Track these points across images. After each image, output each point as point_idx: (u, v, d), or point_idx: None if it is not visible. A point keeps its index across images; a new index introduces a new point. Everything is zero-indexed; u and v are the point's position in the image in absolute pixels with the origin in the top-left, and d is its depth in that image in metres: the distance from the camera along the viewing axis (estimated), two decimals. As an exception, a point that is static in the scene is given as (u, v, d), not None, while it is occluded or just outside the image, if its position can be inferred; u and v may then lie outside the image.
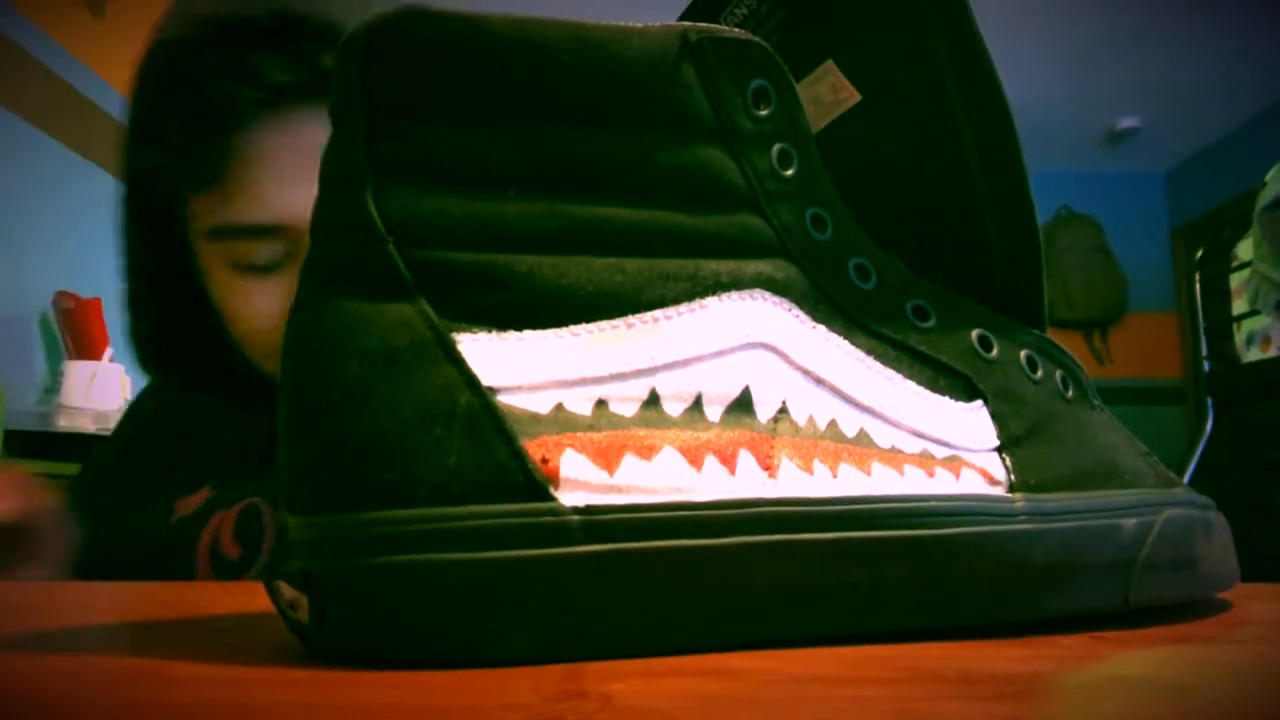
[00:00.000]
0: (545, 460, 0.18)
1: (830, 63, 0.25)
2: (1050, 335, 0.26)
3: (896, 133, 0.25)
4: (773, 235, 0.21)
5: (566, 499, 0.18)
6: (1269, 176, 1.82)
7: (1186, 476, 2.09)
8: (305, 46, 0.45)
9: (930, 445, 0.22)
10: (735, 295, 0.21)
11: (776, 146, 0.21)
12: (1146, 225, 4.20)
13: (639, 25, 0.20)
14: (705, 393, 0.20)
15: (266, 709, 0.14)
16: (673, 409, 0.20)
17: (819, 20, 0.25)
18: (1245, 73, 3.30)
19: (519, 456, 0.18)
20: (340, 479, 0.18)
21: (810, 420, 0.21)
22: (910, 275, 0.24)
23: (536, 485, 0.18)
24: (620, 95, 0.20)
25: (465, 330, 0.19)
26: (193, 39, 0.46)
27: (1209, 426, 2.19)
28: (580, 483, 0.18)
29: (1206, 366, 2.28)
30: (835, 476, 0.20)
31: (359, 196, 0.19)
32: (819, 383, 0.21)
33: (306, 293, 0.20)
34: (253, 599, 0.29)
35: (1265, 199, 1.80)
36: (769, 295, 0.21)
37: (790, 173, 0.22)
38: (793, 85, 0.22)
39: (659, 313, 0.20)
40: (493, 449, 0.18)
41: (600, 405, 0.19)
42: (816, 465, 0.20)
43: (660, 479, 0.19)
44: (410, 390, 0.18)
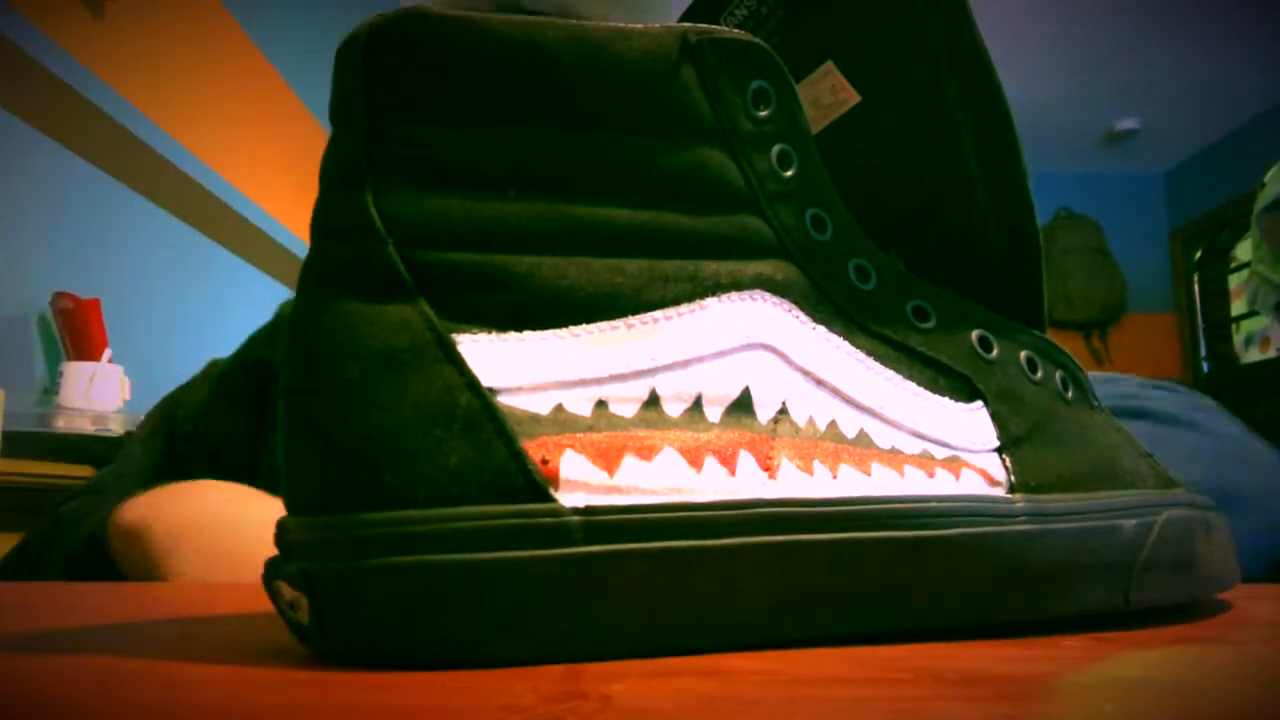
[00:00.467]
0: (545, 461, 0.18)
1: (830, 64, 0.25)
2: (1049, 336, 0.26)
3: (896, 133, 0.25)
4: (772, 236, 0.21)
5: (566, 500, 0.18)
6: (1268, 177, 1.83)
7: (1186, 477, 2.08)
8: None
9: (930, 446, 0.22)
10: (735, 296, 0.21)
11: (776, 147, 0.21)
12: (1146, 226, 4.20)
13: (639, 26, 0.20)
14: (705, 393, 0.20)
15: (266, 710, 0.14)
16: (673, 410, 0.20)
17: (819, 21, 0.25)
18: (1244, 74, 3.31)
19: (519, 457, 0.18)
20: (340, 480, 0.18)
21: (810, 421, 0.21)
22: (910, 276, 0.24)
23: (536, 486, 0.18)
24: (620, 96, 0.20)
25: (465, 331, 0.19)
26: None
27: (1208, 427, 2.19)
28: (580, 483, 0.18)
29: (1205, 367, 2.28)
30: (835, 477, 0.20)
31: (359, 197, 0.19)
32: (819, 383, 0.21)
33: (306, 294, 0.20)
34: (253, 599, 0.29)
35: (1264, 200, 1.80)
36: (769, 296, 0.21)
37: (790, 173, 0.22)
38: (793, 86, 0.22)
39: (659, 313, 0.20)
40: (492, 450, 0.18)
41: (600, 406, 0.19)
42: (816, 466, 0.20)
43: (660, 480, 0.19)
44: (410, 391, 0.18)
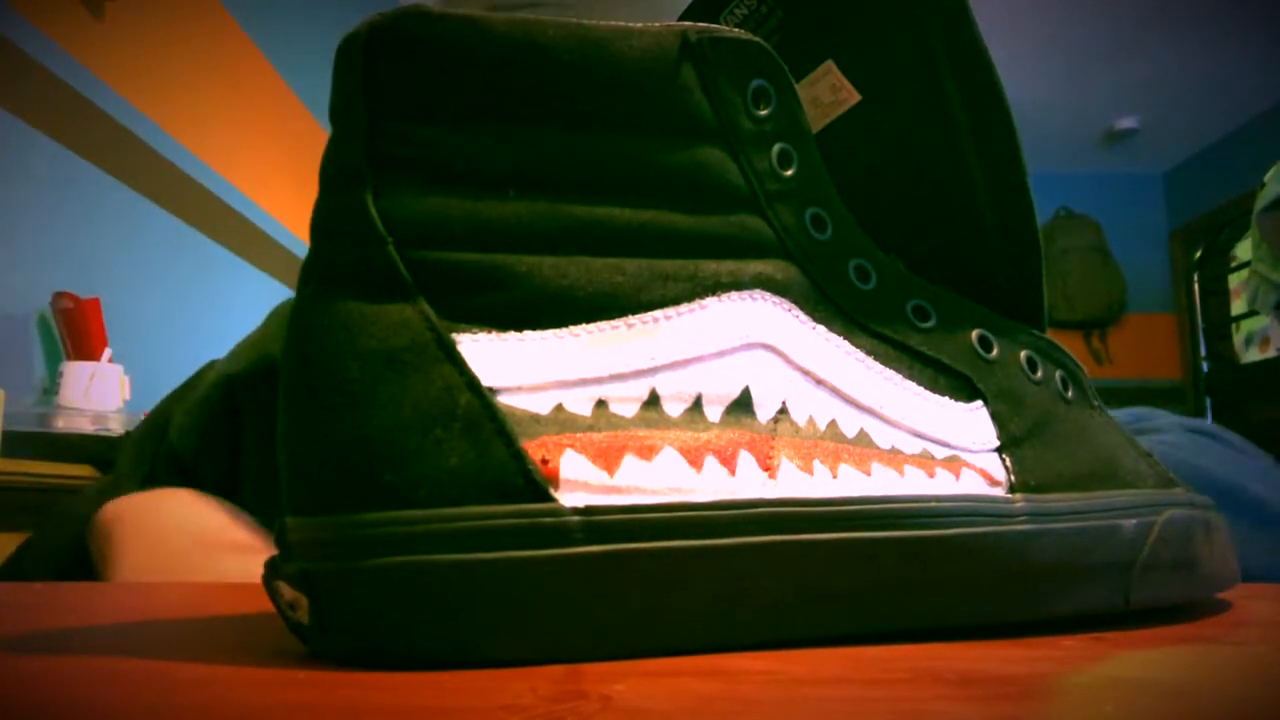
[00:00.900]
0: (545, 461, 0.18)
1: (830, 63, 0.25)
2: (1049, 335, 0.26)
3: (896, 133, 0.25)
4: (772, 235, 0.21)
5: (566, 500, 0.18)
6: (1268, 177, 1.82)
7: (1185, 477, 2.08)
8: None
9: (930, 446, 0.22)
10: (735, 295, 0.21)
11: (776, 146, 0.21)
12: (1145, 226, 4.20)
13: (639, 25, 0.20)
14: (705, 393, 0.20)
15: (266, 710, 0.14)
16: (673, 409, 0.20)
17: (818, 20, 0.25)
18: (1244, 73, 3.31)
19: (519, 457, 0.18)
20: (339, 480, 0.18)
21: (810, 421, 0.21)
22: (910, 275, 0.24)
23: (536, 486, 0.18)
24: (620, 95, 0.20)
25: (465, 331, 0.19)
26: None
27: (1208, 427, 2.19)
28: (580, 483, 0.18)
29: (1205, 367, 2.28)
30: (835, 477, 0.20)
31: (359, 197, 0.19)
32: (819, 383, 0.21)
33: (306, 294, 0.20)
34: (252, 599, 0.29)
35: (1264, 199, 1.80)
36: (769, 295, 0.21)
37: (790, 173, 0.22)
38: (793, 85, 0.22)
39: (659, 313, 0.20)
40: (492, 450, 0.18)
41: (600, 406, 0.19)
42: (816, 466, 0.20)
43: (660, 479, 0.19)
44: (410, 391, 0.18)
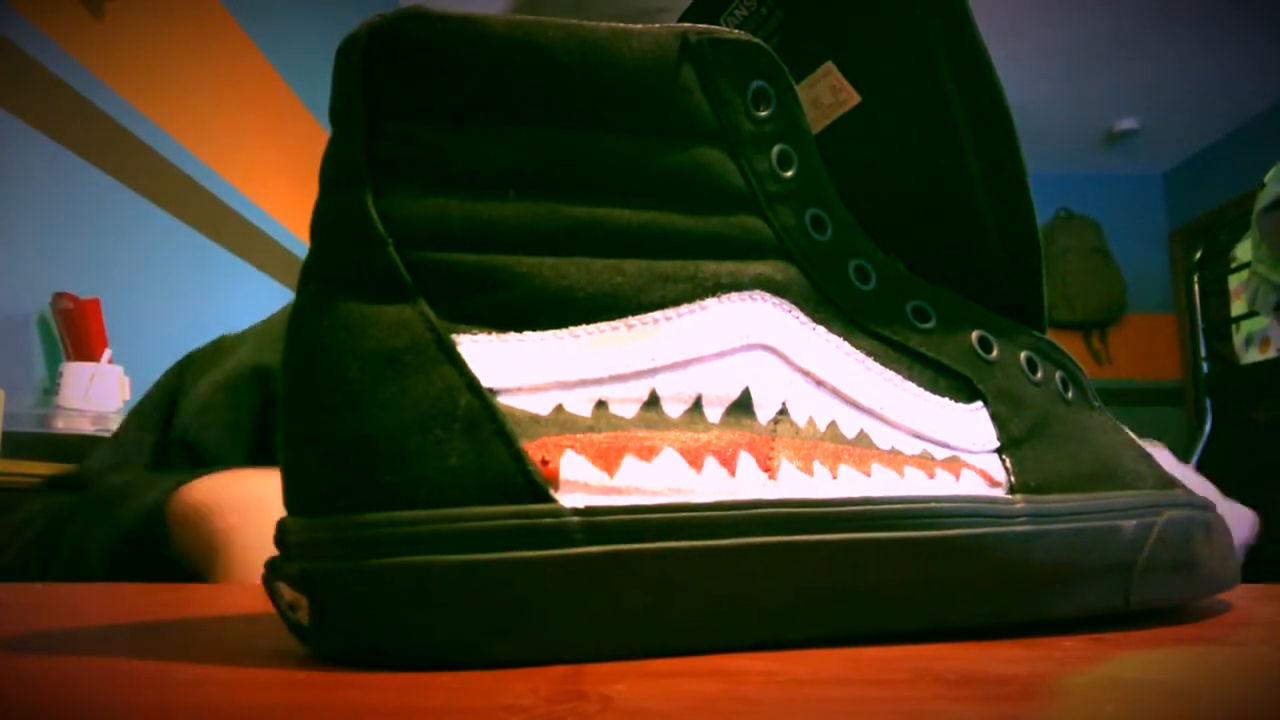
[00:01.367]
0: (545, 461, 0.18)
1: (830, 64, 0.25)
2: (1049, 336, 0.26)
3: (896, 134, 0.25)
4: (772, 236, 0.21)
5: (566, 500, 0.18)
6: (1268, 178, 1.83)
7: (1185, 477, 2.08)
8: None
9: (930, 446, 0.22)
10: (735, 296, 0.21)
11: (776, 147, 0.21)
12: (1145, 226, 4.20)
13: (639, 26, 0.20)
14: (705, 394, 0.20)
15: (266, 710, 0.14)
16: (673, 410, 0.20)
17: (819, 21, 0.25)
18: (1244, 74, 3.31)
19: (519, 458, 0.18)
20: (340, 480, 0.18)
21: (810, 421, 0.21)
22: (910, 276, 0.24)
23: (536, 487, 0.18)
24: (620, 96, 0.20)
25: (465, 332, 0.19)
26: None
27: (1208, 428, 2.20)
28: (580, 484, 0.18)
29: (1205, 368, 2.28)
30: (835, 478, 0.20)
31: (359, 197, 0.19)
32: (819, 384, 0.21)
33: (306, 294, 0.20)
34: (253, 600, 0.29)
35: (1264, 200, 1.80)
36: (769, 296, 0.21)
37: (790, 174, 0.22)
38: (793, 86, 0.22)
39: (659, 314, 0.20)
40: (492, 450, 0.18)
41: (600, 406, 0.19)
42: (816, 466, 0.20)
43: (660, 480, 0.19)
44: (410, 392, 0.18)
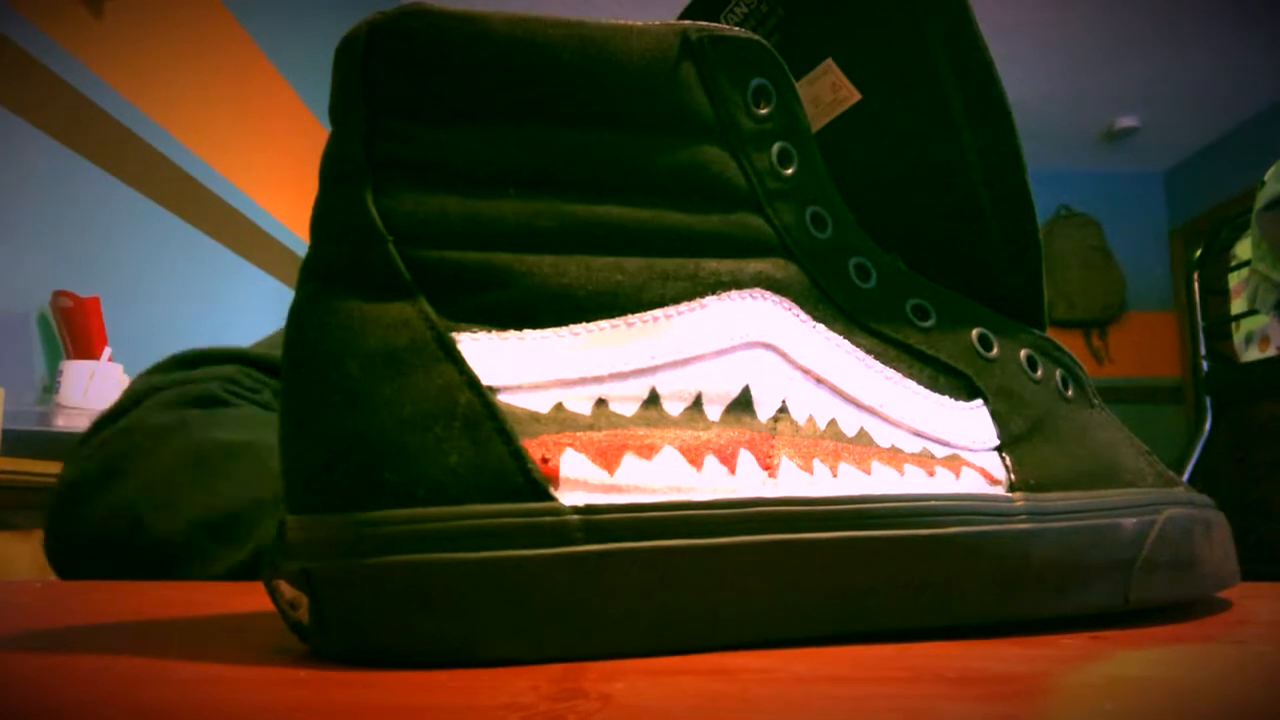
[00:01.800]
0: (545, 460, 0.18)
1: (830, 61, 0.25)
2: (1049, 334, 0.26)
3: (896, 131, 0.25)
4: (773, 234, 0.21)
5: (566, 498, 0.18)
6: (1268, 176, 1.82)
7: (1185, 475, 2.09)
8: None
9: (930, 444, 0.22)
10: (735, 294, 0.21)
11: (776, 145, 0.21)
12: (1145, 224, 4.20)
13: (639, 24, 0.20)
14: (705, 392, 0.20)
15: (266, 709, 0.14)
16: (673, 408, 0.20)
17: (819, 19, 0.25)
18: (1244, 72, 3.31)
19: (519, 456, 0.18)
20: (340, 478, 0.18)
21: (810, 420, 0.21)
22: (910, 274, 0.24)
23: (536, 485, 0.18)
24: (620, 94, 0.20)
25: (465, 330, 0.19)
26: None
27: (1208, 426, 2.19)
28: (580, 482, 0.18)
29: (1205, 366, 2.28)
30: (835, 476, 0.20)
31: (359, 196, 0.19)
32: (819, 382, 0.21)
33: (307, 292, 0.20)
34: (253, 599, 0.29)
35: (1264, 198, 1.80)
36: (769, 294, 0.21)
37: (790, 171, 0.22)
38: (793, 84, 0.22)
39: (659, 312, 0.20)
40: (492, 448, 0.18)
41: (600, 404, 0.19)
42: (816, 465, 0.20)
43: (660, 478, 0.19)
44: (410, 390, 0.18)
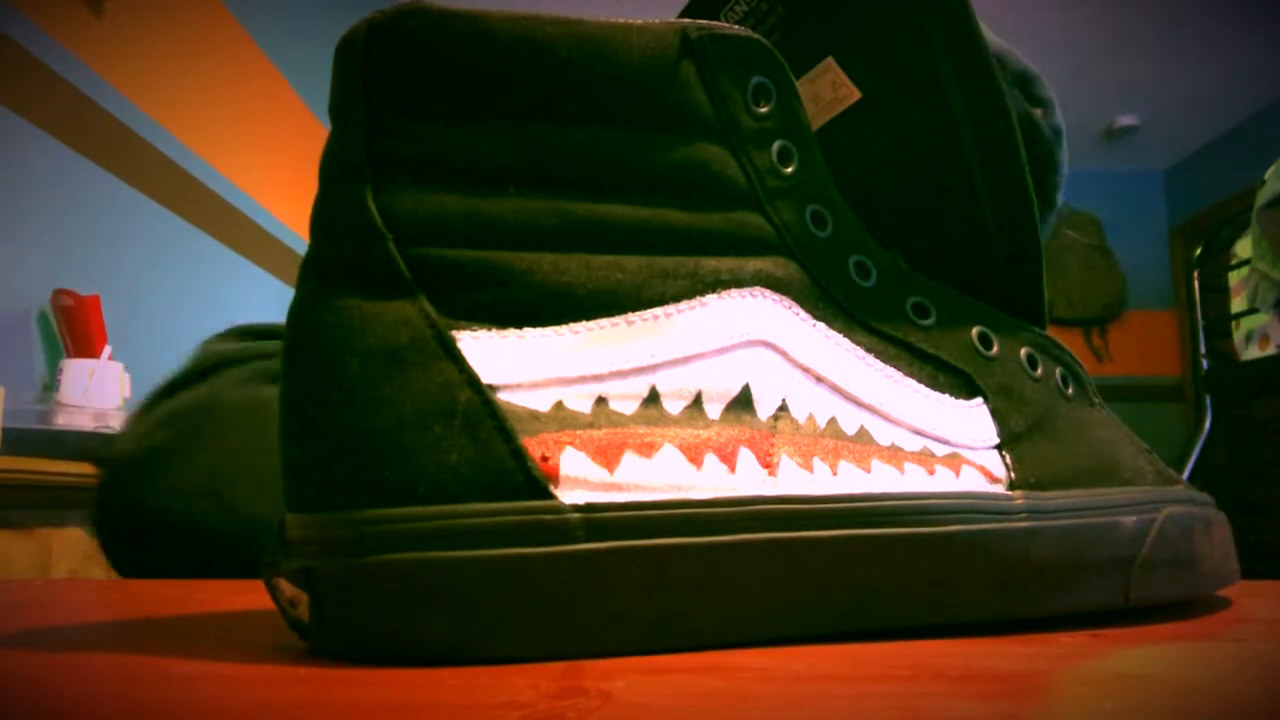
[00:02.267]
0: (545, 458, 0.18)
1: (830, 60, 0.25)
2: (1049, 333, 0.26)
3: (896, 130, 0.25)
4: (773, 232, 0.21)
5: (566, 497, 0.18)
6: (1268, 174, 1.82)
7: (1185, 474, 2.09)
8: None
9: (930, 443, 0.22)
10: (735, 293, 0.21)
11: (776, 143, 0.21)
12: (1145, 223, 4.20)
13: (639, 22, 0.20)
14: (705, 390, 0.20)
15: (266, 707, 0.14)
16: (673, 407, 0.20)
17: (819, 17, 0.25)
18: (1245, 70, 3.30)
19: (519, 454, 0.18)
20: (340, 477, 0.18)
21: (810, 418, 0.21)
22: (910, 272, 0.23)
23: (536, 483, 0.18)
24: (620, 92, 0.20)
25: (465, 328, 0.19)
26: None
27: (1207, 424, 2.19)
28: (580, 480, 0.18)
29: (1205, 364, 2.28)
30: (835, 474, 0.20)
31: (359, 194, 0.19)
32: (819, 380, 0.21)
33: (306, 291, 0.20)
34: (252, 597, 0.29)
35: (1264, 197, 1.80)
36: (769, 293, 0.21)
37: (790, 170, 0.22)
38: (793, 82, 0.22)
39: (659, 310, 0.20)
40: (492, 447, 0.18)
41: (600, 403, 0.19)
42: (816, 463, 0.20)
43: (660, 477, 0.19)
44: (410, 388, 0.18)
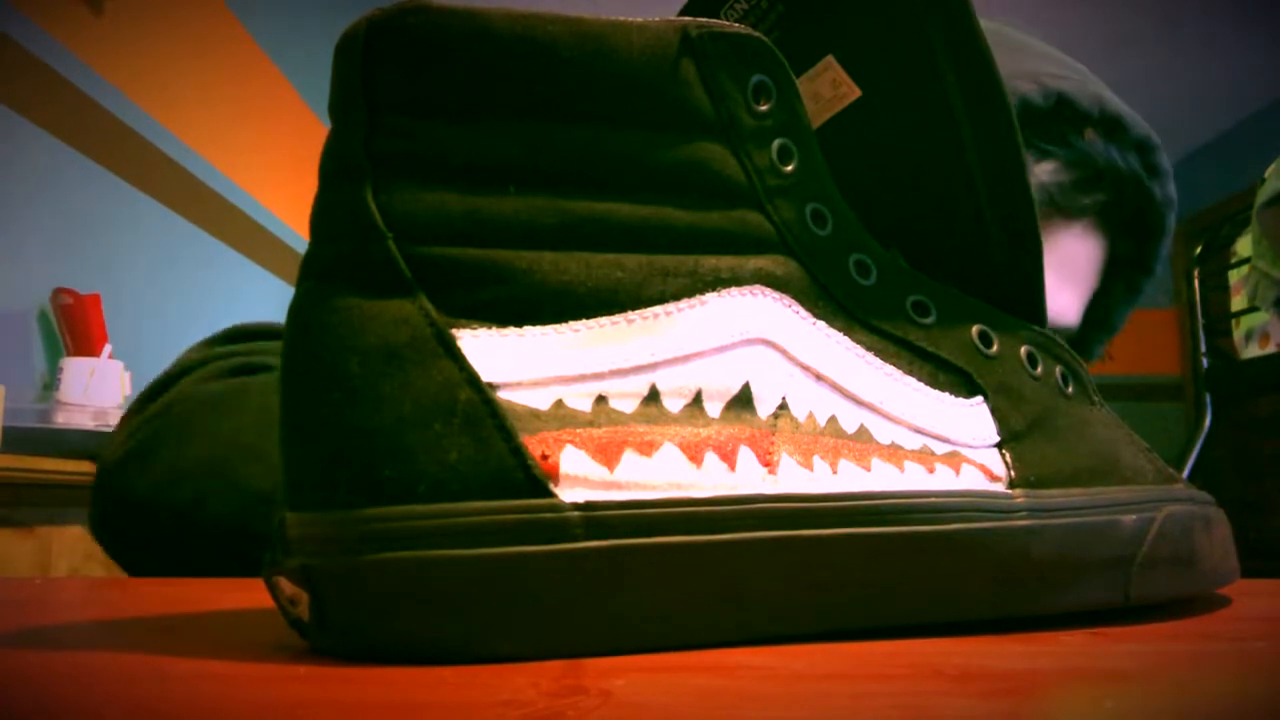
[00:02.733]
0: (545, 456, 0.18)
1: (830, 58, 0.25)
2: (1049, 331, 0.25)
3: (896, 128, 0.25)
4: (773, 231, 0.21)
5: (566, 495, 0.18)
6: (1268, 173, 1.82)
7: (1185, 472, 2.09)
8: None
9: (930, 441, 0.22)
10: (735, 291, 0.21)
11: (777, 142, 0.21)
12: (1146, 222, 4.19)
13: (639, 20, 0.20)
14: (705, 389, 0.20)
15: (266, 706, 0.14)
16: (673, 405, 0.20)
17: (819, 15, 0.25)
18: (1244, 69, 3.30)
19: (519, 453, 0.18)
20: (340, 475, 0.18)
21: (810, 416, 0.21)
22: (910, 271, 0.23)
23: (536, 482, 0.18)
24: (620, 90, 0.20)
25: (465, 326, 0.19)
26: None
27: (1207, 423, 2.19)
28: (580, 479, 0.18)
29: (1205, 363, 2.28)
30: (835, 473, 0.20)
31: (359, 192, 0.19)
32: (819, 379, 0.21)
33: (306, 289, 0.20)
34: (252, 595, 0.29)
35: (1264, 195, 1.80)
36: (769, 291, 0.21)
37: (790, 168, 0.22)
38: (793, 81, 0.22)
39: (659, 309, 0.20)
40: (492, 445, 0.18)
41: (600, 401, 0.19)
42: (816, 461, 0.20)
43: (660, 475, 0.19)
44: (410, 386, 0.18)
